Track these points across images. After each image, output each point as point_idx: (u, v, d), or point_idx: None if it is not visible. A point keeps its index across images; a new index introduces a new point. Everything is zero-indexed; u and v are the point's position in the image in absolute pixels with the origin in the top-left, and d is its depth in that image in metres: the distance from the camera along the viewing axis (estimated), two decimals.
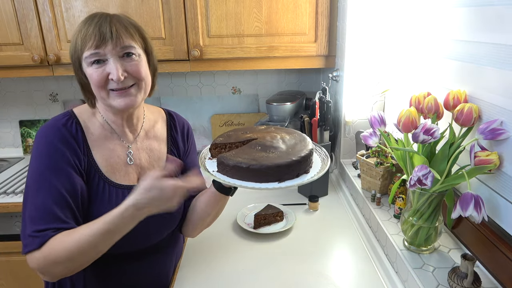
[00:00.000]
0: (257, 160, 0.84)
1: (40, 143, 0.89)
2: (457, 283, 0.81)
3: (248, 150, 0.89)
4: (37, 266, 0.83)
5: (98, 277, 0.99)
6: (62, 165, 0.88)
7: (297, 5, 1.56)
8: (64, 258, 0.81)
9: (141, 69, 0.92)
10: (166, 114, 1.12)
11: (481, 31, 0.85)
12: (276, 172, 0.83)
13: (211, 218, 1.08)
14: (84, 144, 0.93)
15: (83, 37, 0.87)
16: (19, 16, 1.56)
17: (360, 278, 1.04)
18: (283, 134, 0.98)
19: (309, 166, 0.90)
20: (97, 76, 0.88)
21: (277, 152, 0.88)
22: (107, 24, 0.88)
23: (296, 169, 0.86)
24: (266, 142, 0.92)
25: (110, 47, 0.87)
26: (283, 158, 0.85)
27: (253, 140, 0.94)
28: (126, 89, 0.90)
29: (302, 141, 0.94)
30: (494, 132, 0.78)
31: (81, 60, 0.89)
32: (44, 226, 0.83)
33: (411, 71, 1.23)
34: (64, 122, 0.93)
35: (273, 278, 1.05)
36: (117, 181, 0.96)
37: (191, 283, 1.04)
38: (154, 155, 1.04)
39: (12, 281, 1.68)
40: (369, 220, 1.24)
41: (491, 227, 0.87)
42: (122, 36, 0.88)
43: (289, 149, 0.90)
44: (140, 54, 0.93)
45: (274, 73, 2.01)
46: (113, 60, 0.87)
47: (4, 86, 2.02)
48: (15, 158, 2.04)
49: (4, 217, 1.60)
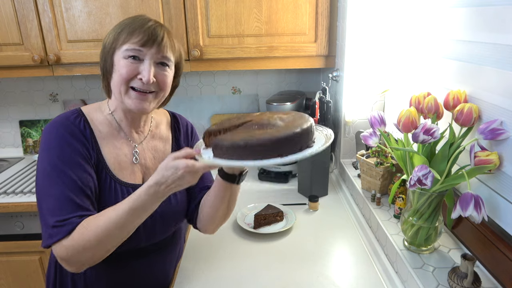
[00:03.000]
0: (255, 137, 0.76)
1: (50, 137, 0.89)
2: (457, 283, 0.81)
3: (244, 130, 0.82)
4: (66, 254, 0.83)
5: (99, 276, 0.99)
6: (75, 157, 0.88)
7: (297, 5, 1.56)
8: (93, 243, 0.82)
9: (167, 81, 0.95)
10: (171, 116, 1.14)
11: (481, 31, 0.85)
12: (276, 147, 0.75)
13: (222, 212, 1.04)
14: (92, 140, 0.94)
15: (133, 29, 0.89)
16: (19, 16, 1.56)
17: (360, 278, 1.04)
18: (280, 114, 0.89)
19: (311, 141, 0.81)
20: (128, 70, 0.89)
21: (276, 127, 0.80)
22: (160, 30, 0.91)
23: (299, 142, 0.77)
24: (263, 121, 0.84)
25: (153, 51, 0.90)
26: (283, 132, 0.77)
27: (249, 122, 0.85)
28: (146, 94, 0.92)
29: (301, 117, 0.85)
30: (494, 132, 0.78)
31: (118, 49, 0.91)
32: (66, 215, 0.84)
33: (411, 71, 1.23)
34: (72, 119, 0.93)
35: (273, 278, 1.05)
36: (124, 179, 0.97)
37: (191, 283, 1.04)
38: (159, 155, 1.05)
39: (12, 281, 1.68)
40: (369, 220, 1.24)
41: (491, 227, 0.87)
42: (167, 46, 0.92)
43: (289, 124, 0.81)
44: (172, 69, 0.97)
45: (274, 73, 2.01)
46: (149, 62, 0.90)
47: (4, 86, 2.02)
48: (15, 158, 2.04)
49: (4, 217, 1.60)
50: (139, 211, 0.83)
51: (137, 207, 0.82)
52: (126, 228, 0.84)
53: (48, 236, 0.84)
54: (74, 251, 0.83)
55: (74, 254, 0.83)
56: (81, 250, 0.83)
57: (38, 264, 1.65)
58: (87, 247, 0.82)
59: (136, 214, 0.83)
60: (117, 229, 0.83)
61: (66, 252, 0.83)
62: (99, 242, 0.83)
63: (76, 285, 0.99)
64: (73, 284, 0.99)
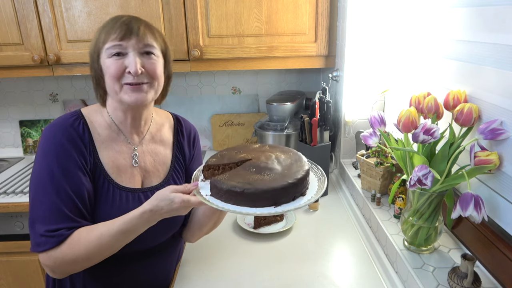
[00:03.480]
0: (252, 184, 0.81)
1: (48, 141, 0.90)
2: (457, 283, 0.81)
3: (242, 173, 0.86)
4: (53, 264, 0.86)
5: (98, 277, 0.99)
6: (69, 165, 0.89)
7: (297, 5, 1.56)
8: (83, 257, 0.85)
9: (157, 68, 0.94)
10: (174, 119, 1.13)
11: (481, 31, 0.85)
12: (272, 196, 0.80)
13: (208, 228, 1.10)
14: (90, 144, 0.94)
15: (109, 28, 0.90)
16: (19, 16, 1.56)
17: (360, 278, 1.04)
18: (278, 153, 0.95)
19: (305, 188, 0.87)
20: (115, 67, 0.89)
21: (272, 174, 0.85)
22: (135, 22, 0.91)
23: (292, 191, 0.83)
24: (261, 163, 0.90)
25: (133, 41, 0.90)
26: (278, 181, 0.82)
27: (247, 161, 0.91)
28: (140, 85, 0.92)
29: (297, 161, 0.91)
30: (494, 132, 0.78)
31: (101, 52, 0.91)
32: (56, 226, 0.85)
33: (411, 71, 1.23)
34: (71, 122, 0.93)
35: (273, 278, 1.05)
36: (122, 184, 0.97)
37: (191, 283, 1.04)
38: (159, 159, 1.05)
39: (12, 281, 1.68)
40: (369, 220, 1.24)
41: (491, 227, 0.87)
42: (147, 35, 0.92)
43: (285, 171, 0.87)
44: (159, 56, 0.96)
45: (274, 73, 2.01)
46: (133, 54, 0.90)
47: (4, 86, 2.03)
48: (15, 158, 2.04)
49: (4, 217, 1.60)
50: (130, 233, 0.87)
51: (128, 229, 0.86)
52: (114, 246, 0.88)
53: (35, 244, 0.86)
54: (62, 263, 0.85)
55: (61, 265, 0.86)
56: (70, 263, 0.86)
57: (38, 264, 1.65)
58: (78, 261, 0.86)
59: (126, 235, 0.87)
60: (107, 246, 0.86)
61: (54, 262, 0.85)
62: (89, 257, 0.86)
63: (74, 285, 0.99)
64: (72, 285, 0.99)
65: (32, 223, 0.87)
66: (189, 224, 1.10)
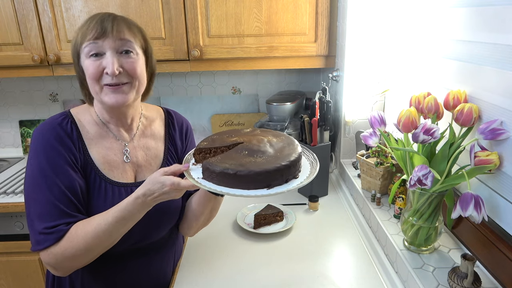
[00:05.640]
0: (245, 166, 0.80)
1: (37, 141, 0.91)
2: (457, 283, 0.81)
3: (234, 155, 0.85)
4: (55, 261, 0.86)
5: (97, 275, 0.99)
6: (60, 162, 0.89)
7: (297, 5, 1.56)
8: (82, 250, 0.85)
9: (137, 67, 0.92)
10: (165, 113, 1.12)
11: (481, 31, 0.85)
12: (264, 178, 0.80)
13: (205, 218, 1.08)
14: (79, 142, 0.94)
15: (85, 30, 0.89)
16: (19, 16, 1.56)
17: (360, 278, 1.04)
18: (270, 137, 0.94)
19: (298, 171, 0.86)
20: (93, 69, 0.89)
21: (265, 156, 0.85)
22: (110, 20, 0.90)
23: (285, 174, 0.82)
24: (253, 146, 0.89)
25: (109, 40, 0.88)
26: (271, 163, 0.81)
27: (239, 144, 0.90)
28: (120, 86, 0.91)
29: (290, 145, 0.90)
30: (494, 132, 0.78)
31: (80, 53, 0.91)
32: (53, 222, 0.86)
33: (411, 71, 1.23)
34: (59, 121, 0.94)
35: (273, 278, 1.05)
36: (114, 179, 0.97)
37: (191, 283, 1.04)
38: (151, 153, 1.05)
39: (12, 281, 1.68)
40: (369, 220, 1.24)
41: (491, 227, 0.87)
42: (124, 31, 0.90)
43: (277, 153, 0.86)
44: (139, 53, 0.94)
45: (274, 73, 2.01)
46: (110, 53, 0.88)
47: (4, 86, 2.02)
48: (15, 158, 2.04)
49: (4, 217, 1.60)
50: (126, 220, 0.86)
51: (124, 216, 0.86)
52: (113, 236, 0.88)
53: (35, 242, 0.87)
54: (63, 258, 0.85)
55: (63, 261, 0.86)
56: (70, 257, 0.86)
57: (38, 264, 1.65)
58: (78, 254, 0.86)
59: (123, 223, 0.86)
60: (106, 236, 0.86)
61: (55, 259, 0.86)
62: (88, 249, 0.86)
63: (74, 285, 0.99)
64: (71, 284, 0.99)
65: (30, 222, 0.88)
66: (185, 216, 1.09)
